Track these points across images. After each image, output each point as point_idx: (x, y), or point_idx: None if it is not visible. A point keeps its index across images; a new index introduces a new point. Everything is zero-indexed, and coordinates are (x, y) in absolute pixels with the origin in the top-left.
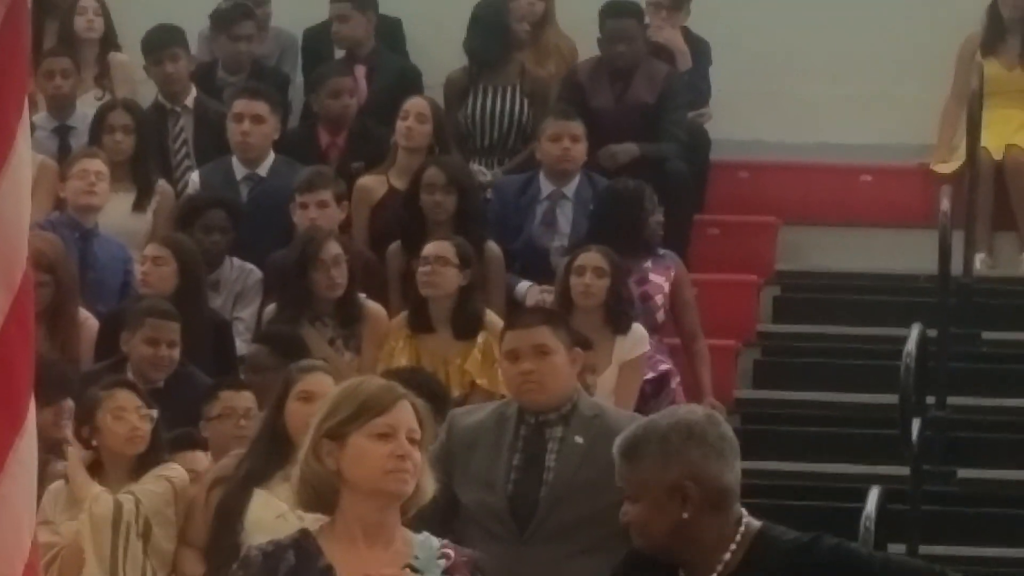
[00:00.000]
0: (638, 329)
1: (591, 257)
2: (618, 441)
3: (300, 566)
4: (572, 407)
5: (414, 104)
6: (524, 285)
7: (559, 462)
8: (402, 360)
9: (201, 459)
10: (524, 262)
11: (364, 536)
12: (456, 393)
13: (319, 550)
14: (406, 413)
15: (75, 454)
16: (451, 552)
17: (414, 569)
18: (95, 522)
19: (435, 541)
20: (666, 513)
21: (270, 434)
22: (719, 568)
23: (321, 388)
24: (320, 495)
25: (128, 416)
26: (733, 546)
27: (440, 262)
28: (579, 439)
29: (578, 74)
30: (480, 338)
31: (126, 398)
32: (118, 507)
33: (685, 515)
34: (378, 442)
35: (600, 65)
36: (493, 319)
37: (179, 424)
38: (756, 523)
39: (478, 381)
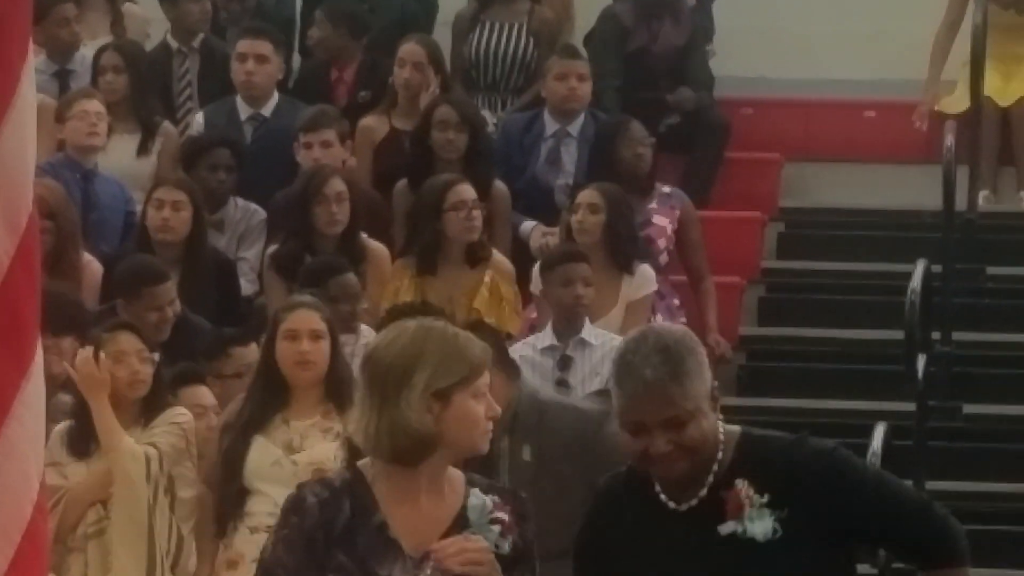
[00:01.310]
0: (645, 269)
1: (585, 194)
2: (653, 371)
3: (356, 520)
4: (513, 415)
5: (408, 51)
6: (528, 225)
7: (512, 481)
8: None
9: (206, 393)
10: (528, 201)
11: (428, 487)
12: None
13: (374, 502)
14: (488, 375)
15: (103, 400)
16: (504, 517)
17: (466, 525)
18: (129, 480)
19: (487, 502)
20: (710, 420)
21: (265, 377)
22: (714, 470)
23: (305, 324)
24: (416, 451)
25: (129, 359)
26: (722, 447)
27: (476, 205)
28: (527, 455)
29: (619, 15)
30: (487, 276)
31: (127, 341)
32: (147, 463)
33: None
34: (478, 402)
35: (638, 4)
36: (499, 258)
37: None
38: (735, 426)
39: (486, 319)
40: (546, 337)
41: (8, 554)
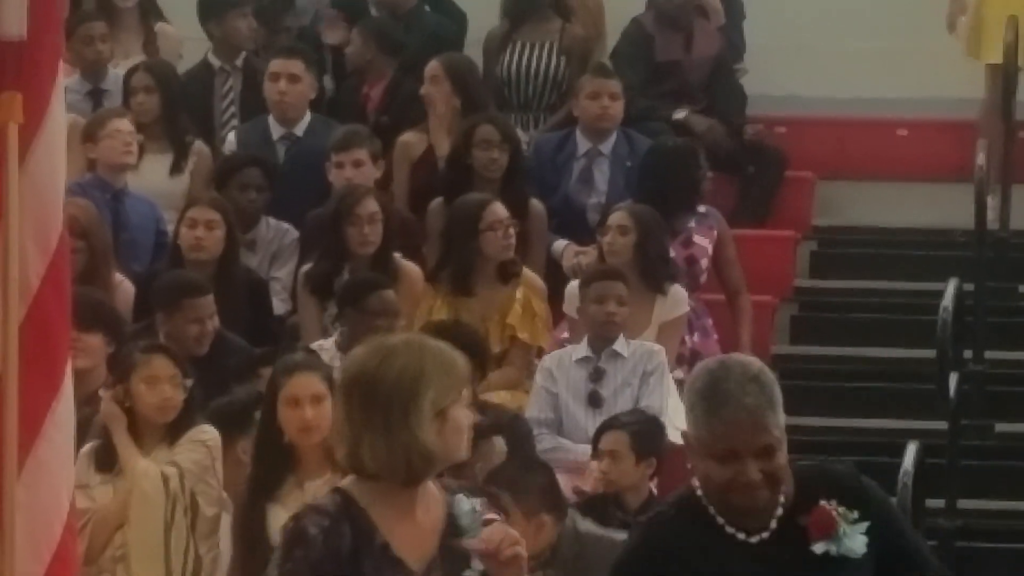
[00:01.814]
0: (677, 290)
1: (615, 216)
2: (753, 399)
3: (358, 544)
4: (553, 550)
5: (429, 67)
6: (560, 244)
7: None
8: (462, 315)
9: None
10: (561, 220)
11: (420, 501)
12: (496, 349)
13: (371, 523)
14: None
15: (121, 423)
16: (496, 517)
17: (455, 534)
18: (145, 499)
19: (475, 505)
20: (785, 451)
21: (269, 440)
22: (781, 502)
23: (306, 390)
24: (428, 470)
25: (161, 386)
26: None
27: (511, 223)
28: None
29: (645, 26)
30: (519, 293)
31: (161, 366)
32: (165, 482)
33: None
34: (464, 412)
35: (661, 16)
36: (530, 275)
37: (218, 391)
38: None
39: (520, 335)
40: (581, 349)
41: (39, 573)
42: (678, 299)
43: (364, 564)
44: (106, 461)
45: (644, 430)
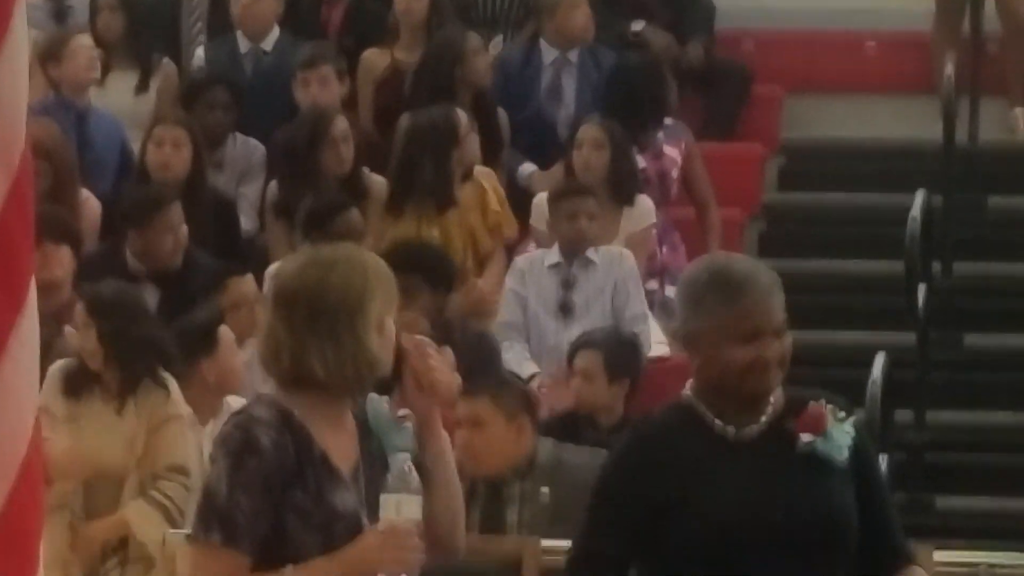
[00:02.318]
0: (644, 200)
1: (589, 130)
2: (763, 280)
3: (300, 455)
4: (529, 462)
5: None
6: (527, 169)
7: (530, 517)
8: (434, 232)
9: (250, 282)
10: (532, 136)
11: (337, 412)
12: (487, 245)
13: (308, 435)
14: None
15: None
16: (405, 412)
17: (368, 435)
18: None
19: (381, 402)
20: None
21: None
22: (771, 401)
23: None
24: (372, 378)
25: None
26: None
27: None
28: (544, 497)
29: None
30: (485, 183)
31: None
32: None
33: None
34: (392, 324)
35: None
36: (479, 169)
37: (186, 309)
38: None
39: (506, 232)
40: (553, 255)
41: (4, 491)
42: (645, 209)
43: (306, 476)
44: (74, 387)
45: (618, 350)
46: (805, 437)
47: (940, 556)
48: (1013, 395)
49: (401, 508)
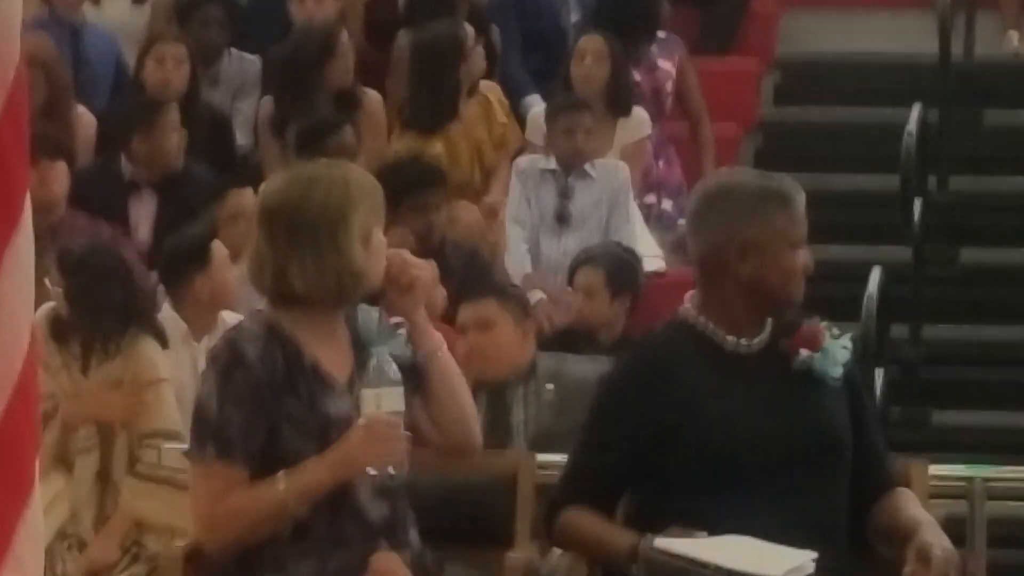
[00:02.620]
0: (639, 112)
1: (591, 41)
2: (800, 191)
3: (289, 365)
4: (531, 366)
5: None
6: (533, 102)
7: (536, 412)
8: (439, 147)
9: (248, 194)
10: (546, 44)
11: (328, 323)
12: (491, 157)
13: (298, 346)
14: None
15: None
16: (399, 319)
17: (363, 345)
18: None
19: (374, 313)
20: None
21: None
22: (769, 321)
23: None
24: (357, 290)
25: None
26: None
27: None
28: (550, 394)
29: None
30: (491, 96)
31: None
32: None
33: None
34: (381, 235)
35: None
36: (484, 83)
37: (184, 223)
38: None
39: (512, 144)
40: (550, 161)
41: (0, 407)
42: (640, 121)
43: (298, 386)
44: (61, 332)
45: (620, 267)
46: (802, 354)
47: (935, 470)
48: (1008, 309)
49: (382, 401)
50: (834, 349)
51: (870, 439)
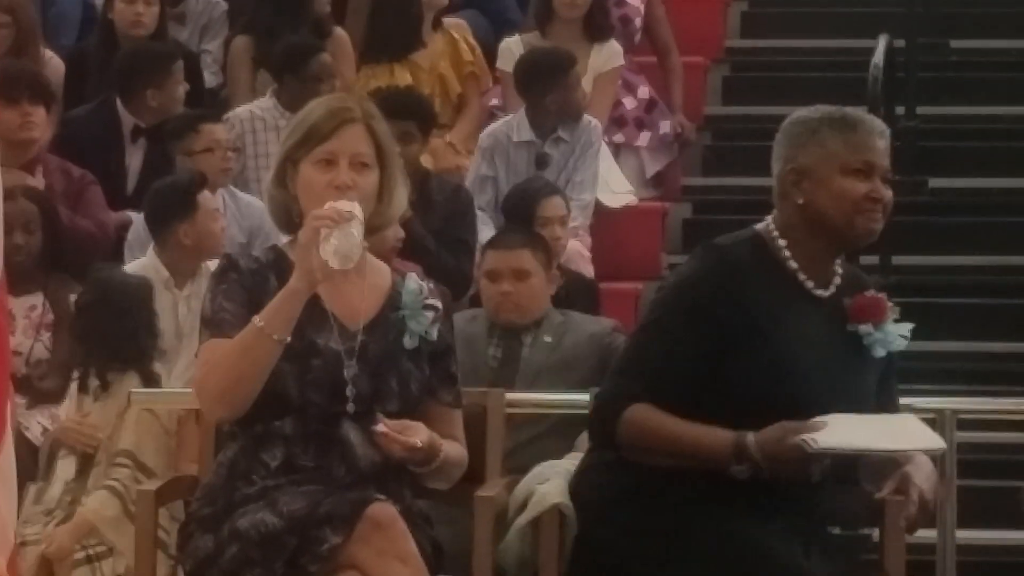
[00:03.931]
0: (612, 43)
1: None
2: (875, 121)
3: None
4: (543, 314)
5: None
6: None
7: (531, 355)
8: (406, 77)
9: (222, 128)
10: None
11: (354, 272)
12: (458, 90)
13: None
14: (351, 138)
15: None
16: (437, 304)
17: (396, 308)
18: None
19: (424, 287)
20: None
21: None
22: (839, 262)
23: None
24: (288, 218)
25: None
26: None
27: None
28: (547, 338)
29: None
30: (455, 33)
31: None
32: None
33: None
34: (319, 170)
35: None
36: (449, 20)
37: (159, 162)
38: None
39: (474, 70)
40: (523, 131)
41: None
42: (614, 51)
43: None
44: (83, 381)
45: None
46: (863, 328)
47: (905, 402)
48: (978, 237)
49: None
50: (892, 333)
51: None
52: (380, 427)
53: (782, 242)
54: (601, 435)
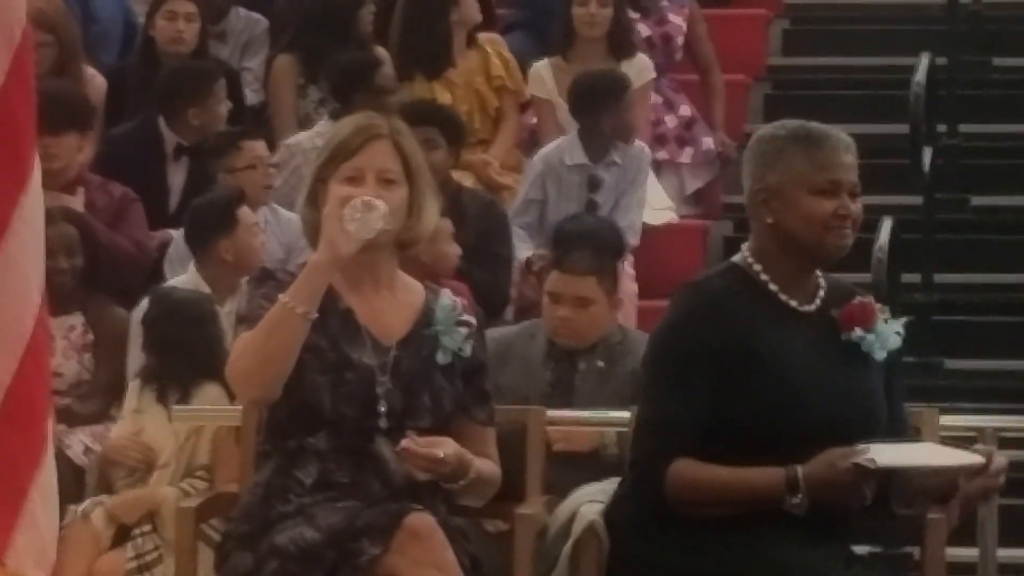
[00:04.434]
0: (641, 57)
1: None
2: (841, 137)
3: (321, 305)
4: (602, 338)
5: None
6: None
7: (583, 383)
8: (446, 96)
9: (263, 145)
10: None
11: (368, 279)
12: (495, 104)
13: (335, 292)
14: (377, 153)
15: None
16: (471, 321)
17: (429, 324)
18: None
19: (457, 304)
20: None
21: None
22: (820, 274)
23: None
24: (311, 238)
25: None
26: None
27: None
28: (600, 363)
29: None
30: (489, 48)
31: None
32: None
33: None
34: (346, 186)
35: None
36: (485, 35)
37: (201, 180)
38: None
39: (508, 84)
40: (575, 154)
41: (11, 367)
42: (644, 65)
43: (329, 321)
44: (163, 393)
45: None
46: (857, 332)
47: (946, 420)
48: (1020, 255)
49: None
50: (886, 332)
51: (897, 422)
52: (403, 443)
53: (758, 267)
54: (650, 498)
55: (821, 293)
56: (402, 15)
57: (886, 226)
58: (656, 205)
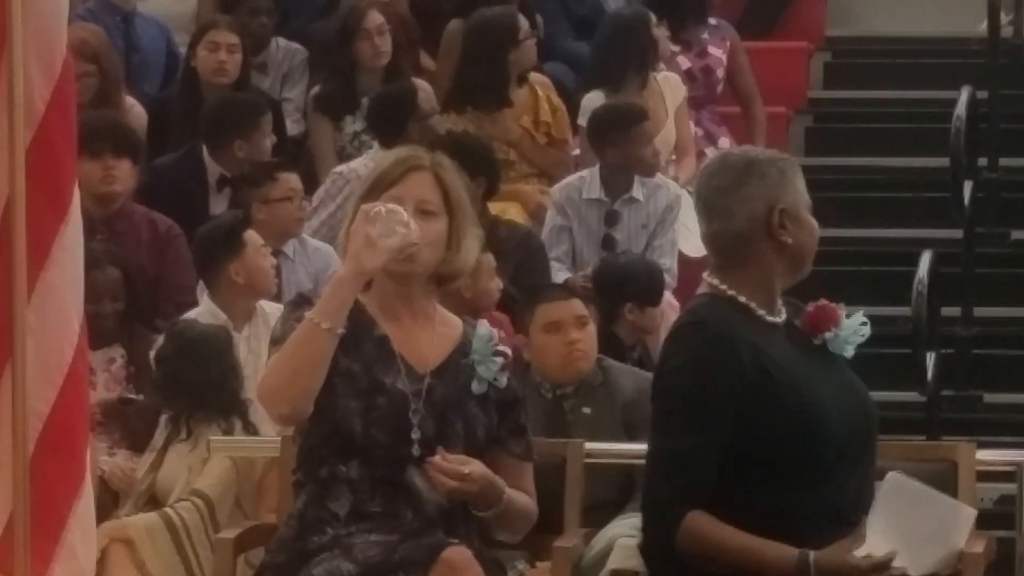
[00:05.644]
0: (669, 74)
1: None
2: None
3: (357, 331)
4: (581, 379)
5: None
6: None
7: (575, 426)
8: (488, 131)
9: (296, 178)
10: (590, 30)
11: (413, 310)
12: (543, 140)
13: (370, 317)
14: (417, 184)
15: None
16: (507, 352)
17: (466, 354)
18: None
19: (494, 334)
20: None
21: None
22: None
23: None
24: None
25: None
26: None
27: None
28: (587, 410)
29: None
30: (540, 91)
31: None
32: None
33: None
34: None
35: None
36: (535, 76)
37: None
38: None
39: (554, 134)
40: (593, 188)
41: (50, 397)
42: (677, 81)
43: (364, 347)
44: (177, 431)
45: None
46: (828, 334)
47: (983, 455)
48: None
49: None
50: (851, 327)
51: None
52: (432, 458)
53: (732, 292)
54: (661, 546)
55: (780, 306)
56: (464, 50)
57: (926, 259)
58: (695, 230)
